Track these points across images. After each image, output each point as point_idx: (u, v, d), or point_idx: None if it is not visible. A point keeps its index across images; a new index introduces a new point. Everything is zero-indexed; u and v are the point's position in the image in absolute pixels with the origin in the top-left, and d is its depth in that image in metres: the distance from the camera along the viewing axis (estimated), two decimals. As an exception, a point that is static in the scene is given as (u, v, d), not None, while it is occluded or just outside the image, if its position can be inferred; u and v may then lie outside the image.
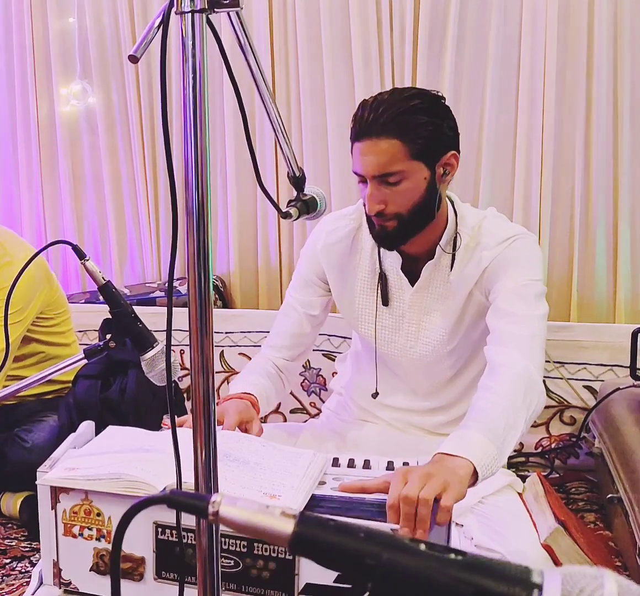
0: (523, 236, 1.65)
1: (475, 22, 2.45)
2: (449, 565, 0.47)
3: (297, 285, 1.84)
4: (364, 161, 1.54)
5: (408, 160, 1.53)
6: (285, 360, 1.83)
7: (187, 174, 0.89)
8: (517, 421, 1.35)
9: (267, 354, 1.83)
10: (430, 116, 1.53)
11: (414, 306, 1.71)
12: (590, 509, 2.13)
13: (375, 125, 1.51)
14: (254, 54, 1.07)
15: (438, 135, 1.55)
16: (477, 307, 1.67)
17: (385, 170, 1.53)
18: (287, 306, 1.85)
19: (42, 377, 1.33)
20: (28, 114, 2.87)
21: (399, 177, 1.54)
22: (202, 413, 0.91)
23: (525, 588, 0.46)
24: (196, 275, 0.89)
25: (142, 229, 2.90)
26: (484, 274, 1.63)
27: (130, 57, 0.91)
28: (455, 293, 1.67)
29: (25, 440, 2.08)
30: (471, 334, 1.71)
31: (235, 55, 1.03)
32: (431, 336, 1.71)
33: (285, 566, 1.13)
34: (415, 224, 1.60)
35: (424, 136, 1.52)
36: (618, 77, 2.38)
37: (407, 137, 1.51)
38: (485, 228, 1.66)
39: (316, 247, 1.80)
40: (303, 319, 1.82)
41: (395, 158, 1.52)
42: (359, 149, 1.55)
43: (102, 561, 1.23)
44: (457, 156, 1.60)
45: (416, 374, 1.78)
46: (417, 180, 1.55)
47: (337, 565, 0.51)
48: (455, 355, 1.73)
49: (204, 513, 0.54)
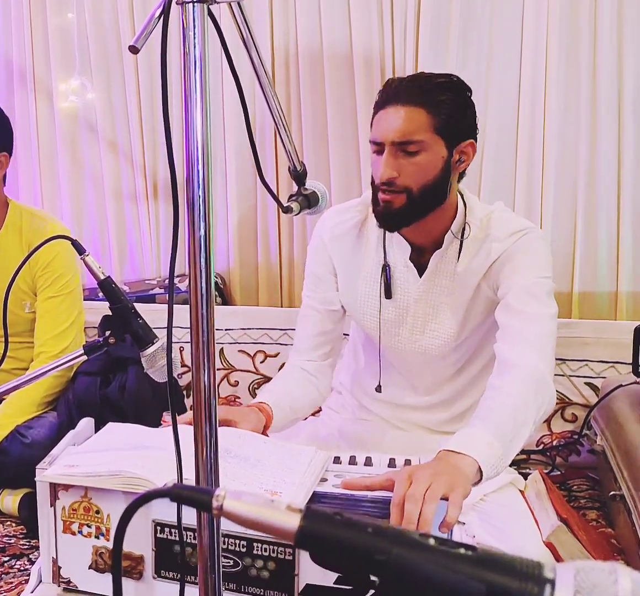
0: (533, 230, 1.64)
1: (478, 19, 2.44)
2: (459, 560, 0.46)
3: (311, 283, 1.81)
4: (388, 126, 1.52)
5: (431, 132, 1.52)
6: (314, 362, 1.78)
7: (188, 169, 0.88)
8: (526, 422, 1.33)
9: (293, 361, 1.79)
10: (456, 96, 1.54)
11: (420, 299, 1.69)
12: (592, 506, 2.12)
13: (404, 93, 1.52)
14: (255, 46, 1.07)
15: (461, 117, 1.55)
16: (485, 301, 1.65)
17: (407, 137, 1.51)
18: (305, 308, 1.81)
19: (42, 373, 1.32)
20: (27, 110, 2.85)
21: (419, 148, 1.51)
22: (203, 409, 0.90)
23: (538, 584, 0.45)
24: (197, 272, 0.88)
25: (142, 225, 2.88)
26: (493, 266, 1.61)
27: (130, 48, 0.90)
28: (463, 286, 1.65)
29: (26, 436, 2.07)
30: (478, 330, 1.69)
31: (235, 47, 1.02)
32: (440, 330, 1.69)
33: (285, 567, 1.12)
34: (423, 204, 1.57)
35: (447, 113, 1.52)
36: (622, 71, 2.37)
37: (434, 110, 1.51)
38: (495, 220, 1.64)
39: (323, 241, 1.77)
40: (324, 317, 1.79)
41: (419, 127, 1.51)
42: (383, 115, 1.53)
43: (101, 559, 1.22)
44: (474, 146, 1.59)
45: (419, 369, 1.77)
46: (435, 156, 1.54)
47: (344, 560, 0.50)
48: (461, 350, 1.72)
49: (208, 507, 0.53)
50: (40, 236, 2.17)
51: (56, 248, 2.14)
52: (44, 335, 2.19)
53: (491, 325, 1.65)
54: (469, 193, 1.69)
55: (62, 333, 2.19)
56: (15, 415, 2.12)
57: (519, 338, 1.50)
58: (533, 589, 0.45)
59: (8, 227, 2.20)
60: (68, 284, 2.21)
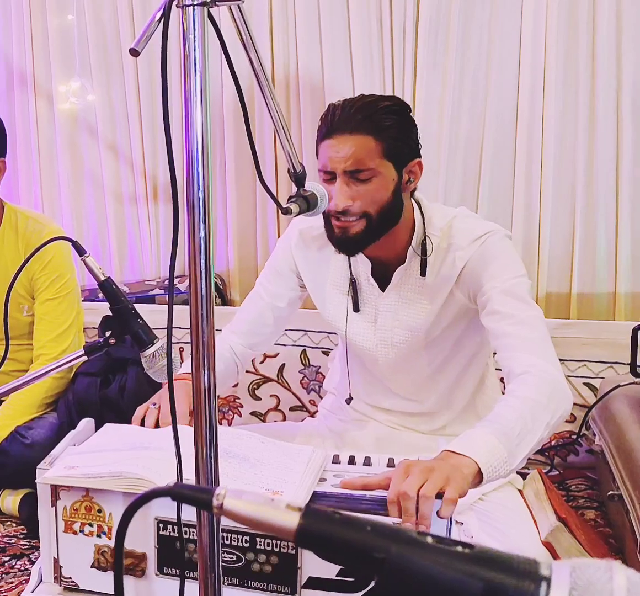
0: (494, 232, 1.62)
1: (477, 21, 2.45)
2: (457, 558, 0.47)
3: (269, 274, 1.83)
4: (338, 155, 1.53)
5: (380, 158, 1.54)
6: (243, 346, 1.81)
7: (188, 171, 0.89)
8: (536, 426, 1.31)
9: (226, 338, 1.81)
10: (400, 117, 1.56)
11: (385, 311, 1.70)
12: (591, 506, 2.12)
13: (350, 122, 1.53)
14: (255, 48, 1.07)
15: (406, 138, 1.57)
16: (458, 307, 1.64)
17: (358, 166, 1.53)
18: (254, 294, 1.84)
19: (43, 374, 1.32)
20: (27, 112, 2.86)
21: (370, 174, 1.53)
22: (204, 409, 0.91)
23: (534, 581, 0.45)
24: (198, 273, 0.89)
25: (141, 226, 2.89)
26: (462, 274, 1.61)
27: (131, 51, 0.91)
28: (433, 295, 1.65)
29: (26, 437, 2.08)
30: (449, 333, 1.69)
31: (234, 50, 1.02)
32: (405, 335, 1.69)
33: (287, 560, 1.13)
34: (380, 227, 1.58)
35: (394, 137, 1.54)
36: (621, 72, 2.37)
37: (381, 135, 1.53)
38: (456, 228, 1.64)
39: (290, 245, 1.79)
40: (267, 309, 1.81)
41: (369, 154, 1.53)
42: (332, 144, 1.54)
43: (103, 557, 1.23)
44: (421, 165, 1.61)
45: (395, 375, 1.77)
46: (386, 180, 1.56)
47: (343, 559, 0.51)
48: (432, 353, 1.71)
49: (208, 505, 0.54)
50: (38, 237, 2.17)
51: (53, 249, 2.14)
52: (44, 337, 2.20)
53: (465, 330, 1.66)
54: (426, 202, 1.69)
55: (61, 334, 2.19)
56: (16, 416, 2.12)
57: (517, 344, 1.47)
58: (529, 586, 0.45)
59: (5, 230, 2.20)
60: (66, 285, 2.22)
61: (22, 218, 2.23)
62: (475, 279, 1.59)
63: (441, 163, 2.51)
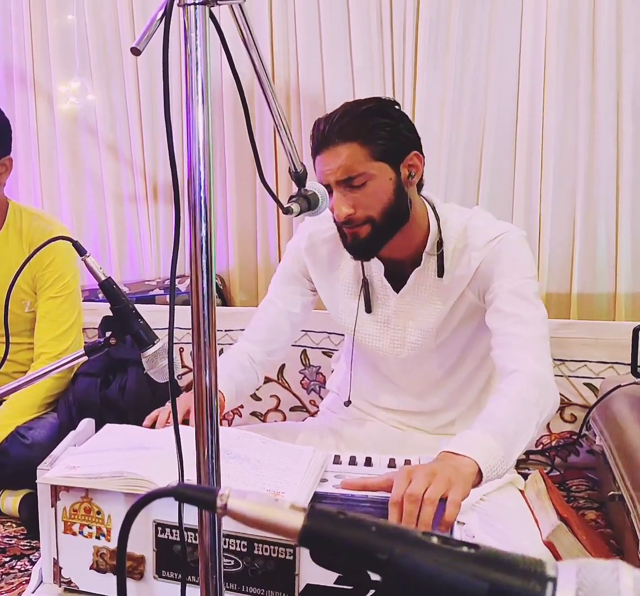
0: (510, 233, 1.63)
1: (477, 21, 2.45)
2: (462, 558, 0.46)
3: (280, 280, 1.83)
4: (328, 168, 1.54)
5: (369, 161, 1.54)
6: (261, 354, 1.81)
7: (189, 170, 0.88)
8: (528, 425, 1.34)
9: (244, 348, 1.81)
10: (385, 117, 1.56)
11: (399, 311, 1.70)
12: (591, 507, 2.12)
13: (332, 134, 1.53)
14: (256, 48, 1.07)
15: (396, 135, 1.56)
16: (468, 306, 1.66)
17: (347, 173, 1.53)
18: (267, 302, 1.83)
19: (43, 374, 1.32)
20: (27, 112, 2.85)
21: (363, 179, 1.54)
22: (205, 410, 0.91)
23: (540, 582, 0.45)
24: (199, 273, 0.88)
25: (141, 226, 2.88)
26: (477, 275, 1.62)
27: (132, 50, 0.90)
28: (446, 295, 1.66)
29: (26, 437, 2.07)
30: (459, 334, 1.70)
31: (235, 48, 1.02)
32: (418, 335, 1.69)
33: (285, 567, 1.13)
34: (388, 227, 1.59)
35: (382, 137, 1.54)
36: (621, 71, 2.37)
37: (366, 139, 1.53)
38: (472, 229, 1.64)
39: (299, 249, 1.79)
40: (282, 316, 1.81)
41: (356, 160, 1.53)
42: (320, 161, 1.56)
43: (102, 559, 1.23)
44: (419, 156, 1.61)
45: (405, 375, 1.78)
46: (383, 181, 1.55)
47: (347, 559, 0.50)
48: (444, 354, 1.72)
49: (212, 506, 0.54)
50: (41, 235, 2.17)
51: (57, 248, 2.14)
52: (45, 336, 2.19)
53: (476, 329, 1.67)
54: (441, 203, 1.69)
55: (63, 333, 2.19)
56: (16, 416, 2.12)
57: (515, 342, 1.50)
58: (535, 587, 0.45)
59: (9, 228, 2.21)
60: (69, 284, 2.21)
61: (27, 216, 2.23)
62: (486, 278, 1.60)
63: (441, 163, 2.50)
